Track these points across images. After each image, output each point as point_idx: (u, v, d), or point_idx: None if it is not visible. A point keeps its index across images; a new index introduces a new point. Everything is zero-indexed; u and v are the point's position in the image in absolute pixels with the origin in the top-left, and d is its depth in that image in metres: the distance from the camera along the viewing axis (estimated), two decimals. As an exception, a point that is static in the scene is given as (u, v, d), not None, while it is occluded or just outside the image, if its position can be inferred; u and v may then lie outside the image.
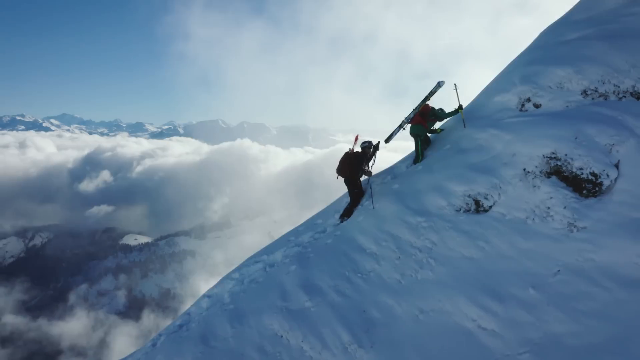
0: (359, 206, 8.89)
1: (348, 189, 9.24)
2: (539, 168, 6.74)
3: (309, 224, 9.41)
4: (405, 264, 6.91)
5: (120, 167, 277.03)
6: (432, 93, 9.71)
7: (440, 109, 9.43)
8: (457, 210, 7.24)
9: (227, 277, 8.65)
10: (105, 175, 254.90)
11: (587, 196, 6.27)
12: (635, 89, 6.89)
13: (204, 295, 8.50)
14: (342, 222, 8.84)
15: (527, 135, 7.13)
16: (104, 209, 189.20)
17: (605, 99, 7.11)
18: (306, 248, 8.39)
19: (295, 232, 9.32)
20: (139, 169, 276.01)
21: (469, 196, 7.20)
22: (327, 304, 6.84)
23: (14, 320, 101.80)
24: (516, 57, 9.49)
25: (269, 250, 8.99)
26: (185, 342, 7.40)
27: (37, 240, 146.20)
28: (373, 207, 8.35)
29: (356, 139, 9.53)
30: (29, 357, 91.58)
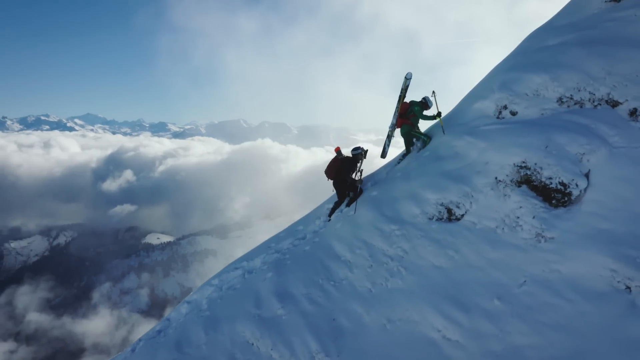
0: (339, 212, 8.90)
1: (335, 190, 9.24)
2: (510, 177, 6.70)
3: (290, 230, 9.44)
4: (376, 273, 6.92)
5: (142, 166, 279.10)
6: (404, 90, 9.45)
7: (424, 99, 9.17)
8: (429, 219, 7.22)
9: (207, 284, 8.73)
10: (128, 175, 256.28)
11: (556, 206, 6.21)
12: (610, 96, 6.79)
13: (184, 301, 8.58)
14: (329, 220, 8.96)
15: (500, 144, 7.08)
16: (126, 208, 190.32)
17: (581, 107, 7.03)
18: (285, 255, 8.42)
19: (277, 238, 9.37)
20: (161, 168, 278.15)
21: (442, 204, 7.18)
22: (299, 312, 6.88)
23: (38, 318, 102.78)
24: (499, 63, 9.41)
25: (249, 256, 9.04)
26: (161, 348, 7.49)
27: (61, 239, 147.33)
28: (354, 213, 8.35)
29: (337, 149, 9.40)
30: (52, 355, 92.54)
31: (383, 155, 10.27)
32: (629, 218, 5.65)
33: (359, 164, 9.11)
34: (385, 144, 10.20)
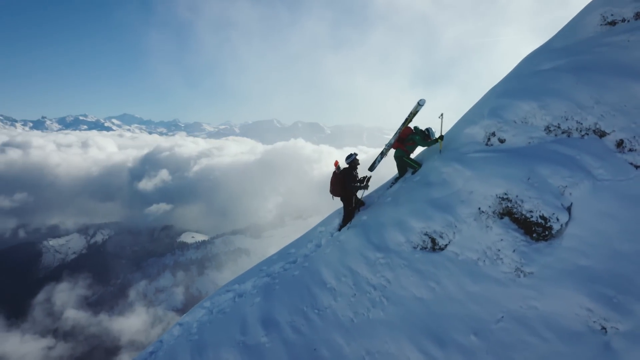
0: (330, 237, 8.94)
1: (343, 204, 9.29)
2: (492, 208, 6.63)
3: (282, 253, 9.53)
4: (359, 302, 6.93)
5: (178, 166, 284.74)
6: (412, 114, 9.53)
7: (427, 130, 9.24)
8: (414, 248, 7.20)
9: (199, 306, 8.87)
10: (164, 174, 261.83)
11: (537, 240, 6.12)
12: (598, 126, 6.66)
13: (177, 323, 8.74)
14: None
15: (484, 173, 7.02)
16: (162, 207, 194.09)
17: (569, 136, 6.91)
18: (274, 279, 8.51)
19: (269, 261, 9.46)
20: (195, 168, 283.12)
21: (426, 234, 7.15)
22: (282, 341, 6.95)
23: (75, 315, 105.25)
24: (493, 87, 9.33)
25: (241, 279, 9.16)
26: (150, 371, 7.64)
27: (99, 237, 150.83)
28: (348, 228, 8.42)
29: (336, 164, 9.49)
30: (89, 352, 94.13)
31: (371, 168, 10.35)
32: (609, 255, 5.53)
33: (356, 172, 9.20)
34: (376, 159, 10.27)
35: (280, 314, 7.42)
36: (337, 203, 9.48)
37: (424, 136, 9.12)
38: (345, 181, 8.87)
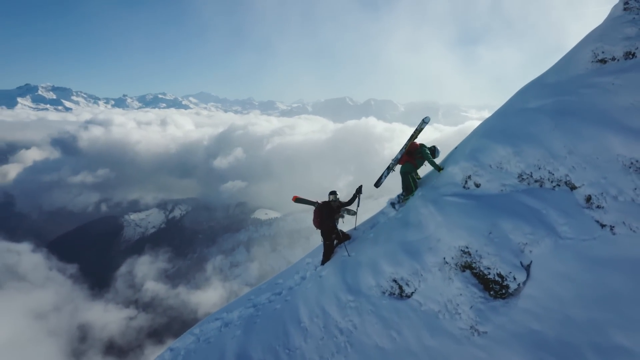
0: (314, 270, 9.15)
1: (322, 239, 9.49)
2: (455, 260, 6.62)
3: (270, 283, 9.84)
4: (326, 346, 7.14)
5: (251, 144, 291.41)
6: (418, 131, 9.65)
7: (433, 147, 9.33)
8: (383, 293, 7.31)
9: (190, 332, 9.37)
10: (238, 153, 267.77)
11: (495, 297, 6.08)
12: (568, 178, 6.44)
13: (168, 348, 9.27)
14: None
15: (452, 222, 6.99)
16: (237, 184, 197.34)
17: (541, 186, 6.73)
18: (258, 311, 8.85)
19: (257, 290, 9.81)
20: (268, 146, 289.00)
21: (395, 280, 7.24)
22: (252, 379, 7.26)
23: (155, 287, 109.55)
24: (482, 122, 9.16)
25: (229, 307, 9.58)
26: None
27: (177, 213, 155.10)
28: (348, 256, 8.60)
29: (294, 198, 9.85)
30: (168, 323, 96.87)
31: (377, 184, 10.45)
32: (561, 322, 5.42)
33: (354, 199, 9.41)
34: (382, 175, 10.35)
35: (255, 350, 7.75)
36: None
37: (431, 152, 9.23)
38: (322, 215, 9.03)
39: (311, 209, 9.69)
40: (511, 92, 9.43)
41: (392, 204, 9.83)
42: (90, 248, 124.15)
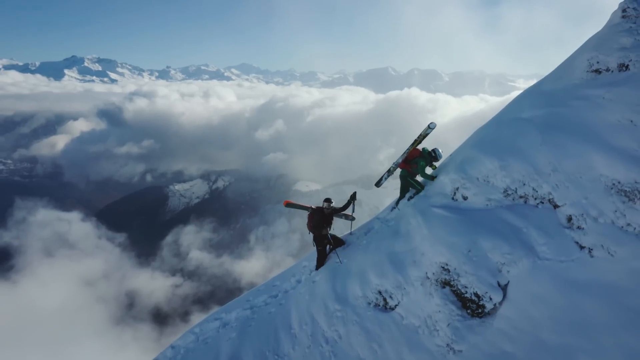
0: (309, 275, 9.37)
1: (315, 245, 9.64)
2: (436, 276, 6.71)
3: (268, 285, 10.13)
4: (311, 354, 7.40)
5: (292, 116, 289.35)
6: (422, 136, 9.52)
7: (434, 150, 9.24)
8: (368, 304, 7.48)
9: (190, 331, 9.77)
10: (279, 125, 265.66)
11: (472, 316, 6.17)
12: (551, 196, 6.38)
13: (170, 345, 9.71)
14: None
15: (436, 236, 7.05)
16: (278, 156, 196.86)
17: (525, 202, 6.69)
18: (254, 313, 9.18)
19: (256, 292, 10.11)
20: (309, 119, 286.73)
21: (379, 292, 7.39)
22: (241, 383, 7.60)
23: (199, 256, 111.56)
24: (477, 130, 9.03)
25: (228, 308, 9.92)
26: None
27: (220, 184, 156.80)
28: (340, 262, 8.80)
29: (285, 203, 9.99)
30: (212, 291, 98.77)
31: (377, 184, 10.54)
32: (532, 345, 5.50)
33: (348, 205, 9.53)
34: (383, 176, 10.40)
35: (246, 355, 8.09)
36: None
37: (430, 159, 9.10)
38: (313, 220, 9.18)
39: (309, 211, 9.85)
40: (560, 61, 9.00)
41: (396, 203, 9.90)
42: (136, 217, 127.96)
